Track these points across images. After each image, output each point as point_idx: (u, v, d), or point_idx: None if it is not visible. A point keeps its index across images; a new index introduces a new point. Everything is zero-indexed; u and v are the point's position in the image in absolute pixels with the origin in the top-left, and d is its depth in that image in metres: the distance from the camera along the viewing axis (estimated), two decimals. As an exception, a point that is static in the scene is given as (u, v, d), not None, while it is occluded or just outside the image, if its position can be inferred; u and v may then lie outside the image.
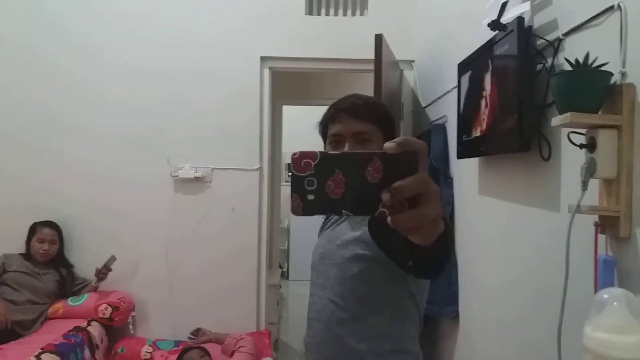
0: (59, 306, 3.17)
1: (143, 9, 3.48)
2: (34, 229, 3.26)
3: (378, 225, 1.09)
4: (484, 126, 1.94)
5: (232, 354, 2.98)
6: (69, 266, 3.37)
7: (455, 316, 2.46)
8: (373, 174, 0.51)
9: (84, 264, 3.37)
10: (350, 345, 1.23)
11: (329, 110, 1.26)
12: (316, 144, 1.03)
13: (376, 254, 1.16)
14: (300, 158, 0.51)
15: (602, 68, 1.24)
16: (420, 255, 0.74)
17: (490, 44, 1.90)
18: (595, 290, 1.23)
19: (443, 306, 2.45)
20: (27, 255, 3.23)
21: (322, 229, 1.47)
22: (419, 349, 1.30)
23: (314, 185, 0.51)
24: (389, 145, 0.51)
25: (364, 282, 1.23)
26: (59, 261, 3.31)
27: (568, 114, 1.23)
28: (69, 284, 3.29)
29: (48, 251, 3.22)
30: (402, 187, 0.49)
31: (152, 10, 3.48)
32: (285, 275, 6.64)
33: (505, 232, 1.97)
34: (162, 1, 3.48)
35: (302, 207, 0.51)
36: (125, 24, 3.47)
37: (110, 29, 3.47)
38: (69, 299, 3.21)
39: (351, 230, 1.28)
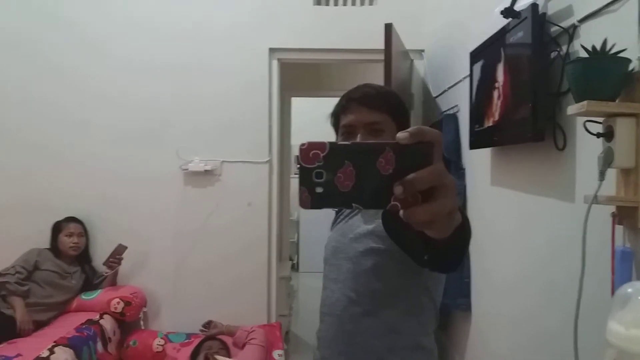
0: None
1: (150, 3, 3.46)
2: (58, 226, 3.28)
3: (392, 218, 1.06)
4: (497, 116, 1.91)
5: (244, 346, 2.98)
6: (90, 261, 3.40)
7: (467, 308, 2.44)
8: (385, 165, 0.48)
9: (99, 259, 3.37)
10: (363, 340, 1.21)
11: (340, 100, 1.23)
12: (326, 136, 1.01)
13: (390, 247, 1.13)
14: (308, 149, 0.49)
15: (620, 55, 1.20)
16: (436, 249, 0.71)
17: (502, 32, 1.87)
18: (613, 283, 1.21)
19: (455, 298, 2.43)
20: (57, 252, 3.24)
21: (335, 222, 1.44)
22: (434, 344, 1.28)
23: (322, 177, 0.49)
24: (401, 135, 0.48)
25: (377, 277, 1.20)
26: (85, 256, 3.35)
27: (584, 102, 1.19)
28: (91, 280, 3.33)
29: (78, 244, 3.25)
30: (415, 179, 0.47)
31: (159, 3, 3.46)
32: (295, 268, 6.64)
33: (518, 223, 1.94)
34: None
35: (311, 200, 0.49)
36: (132, 18, 3.46)
37: (117, 24, 3.46)
38: (82, 294, 3.23)
39: (364, 224, 1.25)
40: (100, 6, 3.45)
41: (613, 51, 1.20)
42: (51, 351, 2.52)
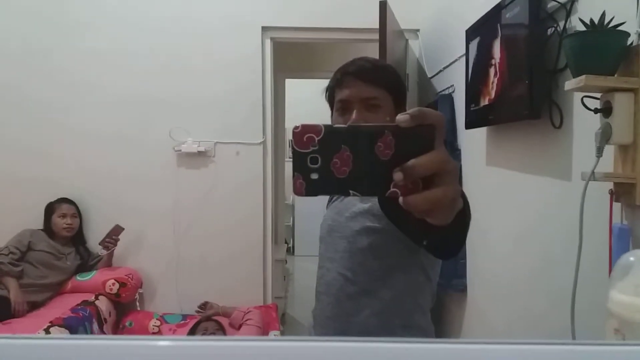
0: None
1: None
2: (51, 207, 3.25)
3: (390, 202, 1.05)
4: (493, 94, 1.89)
5: (240, 327, 3.00)
6: (85, 242, 3.39)
7: (463, 289, 2.45)
8: (384, 150, 0.46)
9: (94, 239, 3.36)
10: (359, 319, 1.20)
11: (335, 74, 1.18)
12: (324, 121, 0.99)
13: (386, 226, 1.11)
14: (302, 132, 0.47)
15: (618, 28, 1.18)
16: (436, 235, 0.69)
17: (499, 8, 1.84)
18: (611, 260, 1.21)
19: (450, 279, 2.43)
20: (50, 233, 3.22)
21: (330, 200, 1.42)
22: (430, 323, 1.27)
23: (318, 162, 0.47)
24: (401, 117, 0.46)
25: (374, 255, 1.19)
26: (79, 237, 3.33)
27: (583, 77, 1.18)
28: (86, 262, 3.31)
29: (71, 225, 3.23)
30: (416, 165, 0.45)
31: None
32: (291, 251, 6.66)
33: (515, 203, 1.93)
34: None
35: (305, 187, 0.47)
36: (125, 3, 3.40)
37: (113, 12, 3.39)
38: (77, 275, 3.22)
39: (360, 202, 1.22)
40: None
41: (611, 25, 1.19)
42: (47, 332, 2.51)
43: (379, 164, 0.46)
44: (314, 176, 0.47)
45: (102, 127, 3.43)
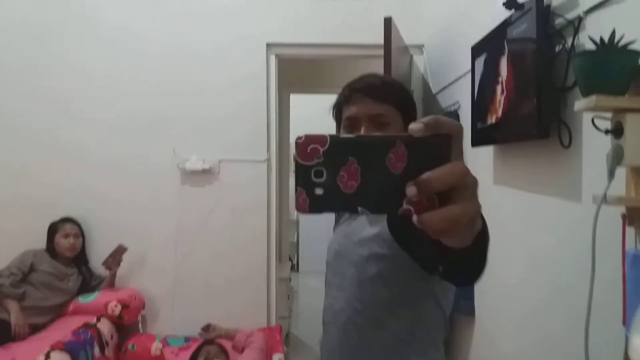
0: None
1: (147, 2, 3.41)
2: (54, 227, 3.22)
3: (400, 222, 0.98)
4: (500, 112, 1.85)
5: (243, 349, 2.94)
6: (87, 262, 3.35)
7: (471, 311, 2.38)
8: (395, 162, 0.42)
9: (96, 259, 3.32)
10: (369, 354, 1.13)
11: (343, 91, 1.14)
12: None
13: (396, 252, 1.05)
14: (306, 143, 0.43)
15: (629, 47, 1.14)
16: (453, 260, 0.61)
17: (505, 25, 1.80)
18: (624, 287, 1.15)
19: (457, 300, 2.37)
20: (53, 253, 3.18)
21: (337, 222, 1.35)
22: (444, 357, 1.20)
23: (322, 176, 0.43)
24: (415, 126, 0.42)
25: (383, 284, 1.11)
26: (82, 257, 3.30)
27: (593, 97, 1.13)
28: (88, 282, 3.28)
29: (74, 245, 3.20)
30: (432, 178, 0.41)
31: (159, 1, 3.40)
32: (295, 268, 6.59)
33: (523, 222, 1.88)
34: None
35: (309, 204, 0.43)
36: (132, 14, 3.40)
37: (116, 18, 3.40)
38: (79, 296, 3.18)
39: (369, 226, 1.15)
40: (102, 4, 3.40)
41: (622, 43, 1.14)
42: (47, 356, 2.46)
43: (390, 177, 0.42)
44: (319, 191, 0.43)
45: (106, 146, 3.42)
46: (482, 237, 0.56)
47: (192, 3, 3.40)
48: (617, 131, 1.15)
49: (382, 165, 0.42)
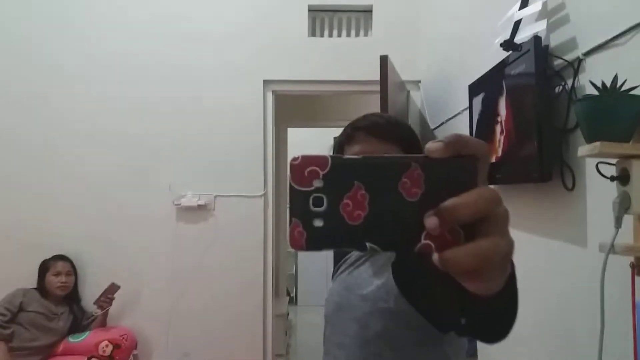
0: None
1: (142, 36, 3.42)
2: (46, 265, 3.16)
3: (407, 270, 0.90)
4: (500, 152, 1.82)
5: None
6: (79, 301, 3.27)
7: (473, 354, 2.31)
8: (410, 187, 0.36)
9: (89, 298, 3.24)
10: None
11: (345, 129, 1.08)
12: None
13: (402, 307, 0.95)
14: (303, 165, 0.36)
15: (632, 92, 1.12)
16: (478, 310, 0.51)
17: (503, 65, 1.79)
18: (635, 339, 1.10)
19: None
20: (44, 292, 3.11)
21: (337, 270, 1.24)
22: None
23: (323, 205, 0.36)
24: (433, 145, 0.36)
25: (389, 345, 0.99)
26: (73, 296, 3.23)
27: (597, 144, 1.11)
28: (80, 321, 3.19)
29: (66, 283, 3.14)
30: (458, 206, 0.34)
31: (152, 36, 3.42)
32: (293, 301, 6.47)
33: (526, 266, 1.82)
34: (164, 27, 3.42)
35: (306, 238, 0.36)
36: (126, 55, 3.41)
37: (110, 60, 3.40)
38: (69, 336, 3.09)
39: (374, 276, 1.04)
40: (89, 49, 3.40)
41: (624, 88, 1.12)
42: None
43: (404, 206, 0.36)
44: (318, 223, 0.36)
45: (100, 182, 3.38)
46: (511, 282, 0.48)
47: (188, 40, 3.42)
48: (622, 178, 1.12)
49: (395, 191, 0.36)
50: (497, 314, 0.54)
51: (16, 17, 3.37)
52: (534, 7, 1.63)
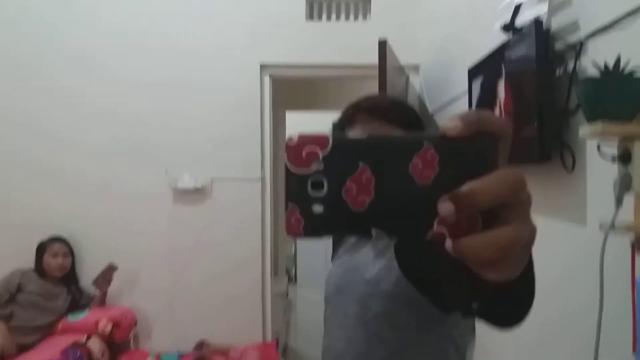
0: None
1: (140, 19, 3.39)
2: (43, 246, 3.17)
3: (409, 252, 0.89)
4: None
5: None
6: (77, 282, 3.29)
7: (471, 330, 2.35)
8: (423, 170, 0.32)
9: (87, 278, 3.26)
10: None
11: (346, 110, 1.03)
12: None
13: (405, 289, 0.91)
14: (300, 145, 0.33)
15: (634, 72, 1.14)
16: (492, 295, 0.47)
17: (503, 48, 1.80)
18: (634, 317, 1.13)
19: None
20: (41, 273, 3.13)
21: (335, 251, 1.20)
22: None
23: (323, 188, 0.33)
24: (450, 124, 0.33)
25: (390, 325, 0.95)
26: (71, 277, 3.24)
27: (599, 124, 1.13)
28: (78, 302, 3.22)
29: (63, 264, 3.16)
30: (476, 190, 0.31)
31: (150, 19, 3.39)
32: (293, 280, 6.53)
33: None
34: (159, 10, 3.39)
35: (304, 225, 0.33)
36: (121, 34, 3.38)
37: (106, 39, 3.38)
38: (68, 315, 3.12)
39: (375, 258, 1.01)
40: (90, 23, 3.37)
41: (627, 69, 1.14)
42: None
43: (415, 190, 0.32)
44: (317, 209, 0.33)
45: (97, 165, 3.38)
46: (528, 267, 0.45)
47: (185, 24, 3.39)
48: (624, 158, 1.15)
49: (405, 173, 0.32)
50: (511, 299, 0.51)
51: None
52: (537, -10, 1.64)
